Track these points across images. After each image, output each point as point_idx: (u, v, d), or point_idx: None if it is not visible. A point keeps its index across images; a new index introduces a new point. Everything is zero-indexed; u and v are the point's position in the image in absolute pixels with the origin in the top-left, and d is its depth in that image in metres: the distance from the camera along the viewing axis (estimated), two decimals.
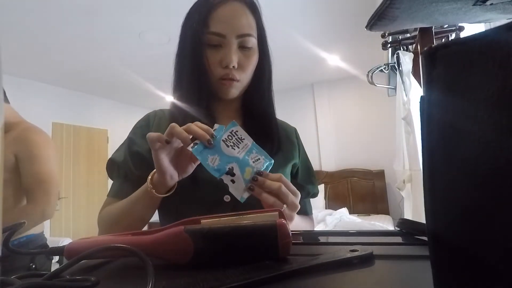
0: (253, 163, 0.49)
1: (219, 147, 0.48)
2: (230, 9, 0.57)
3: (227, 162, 0.48)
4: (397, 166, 1.65)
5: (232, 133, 0.50)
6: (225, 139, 0.49)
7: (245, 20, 0.58)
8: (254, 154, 0.50)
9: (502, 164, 0.12)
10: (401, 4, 0.38)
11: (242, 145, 0.49)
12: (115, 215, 0.55)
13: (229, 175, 0.47)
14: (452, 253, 0.15)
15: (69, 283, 0.24)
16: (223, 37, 0.56)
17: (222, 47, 0.57)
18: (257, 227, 0.28)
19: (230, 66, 0.56)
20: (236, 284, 0.21)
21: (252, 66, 0.60)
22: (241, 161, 0.48)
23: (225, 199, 0.57)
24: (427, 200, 0.16)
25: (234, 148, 0.49)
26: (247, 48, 0.59)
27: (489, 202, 0.13)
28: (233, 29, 0.57)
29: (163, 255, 0.29)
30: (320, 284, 0.22)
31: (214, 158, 0.47)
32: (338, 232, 0.42)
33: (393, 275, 0.24)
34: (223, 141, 0.48)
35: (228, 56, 0.56)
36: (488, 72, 0.13)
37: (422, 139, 0.16)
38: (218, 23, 0.56)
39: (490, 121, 0.13)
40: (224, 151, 0.48)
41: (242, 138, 0.50)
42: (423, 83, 0.15)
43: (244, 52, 0.59)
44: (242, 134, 0.50)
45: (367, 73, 1.88)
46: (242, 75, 0.59)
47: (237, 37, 0.57)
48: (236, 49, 0.58)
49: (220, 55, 0.57)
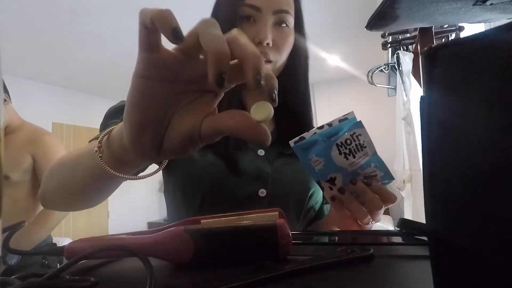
0: (365, 178, 0.39)
1: (329, 151, 0.39)
2: None
3: (332, 171, 0.39)
4: (397, 166, 1.65)
5: (353, 137, 0.39)
6: (341, 143, 0.39)
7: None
8: (372, 168, 0.40)
9: (502, 164, 0.12)
10: (401, 4, 0.38)
11: (360, 154, 0.39)
12: (59, 170, 0.39)
13: (328, 183, 0.39)
14: (452, 253, 0.15)
15: (69, 283, 0.24)
16: (259, 10, 0.51)
17: (257, 22, 0.52)
18: (257, 227, 0.28)
19: (264, 43, 0.51)
20: (236, 284, 0.21)
21: (288, 47, 0.55)
22: (349, 174, 0.39)
23: (260, 193, 0.51)
24: (427, 200, 0.16)
25: (347, 157, 0.39)
26: (284, 27, 0.54)
27: (489, 202, 0.13)
28: (270, 2, 0.52)
29: (163, 255, 0.28)
30: (320, 284, 0.22)
31: (318, 161, 0.39)
32: (338, 232, 0.42)
33: (393, 275, 0.24)
34: (337, 146, 0.39)
35: (262, 32, 0.51)
36: (488, 72, 0.13)
37: (422, 139, 0.16)
38: None
39: (490, 121, 0.13)
40: (333, 158, 0.39)
41: (364, 145, 0.40)
42: (423, 83, 0.15)
43: (280, 30, 0.54)
44: (365, 140, 0.40)
45: (367, 73, 1.88)
46: (277, 55, 0.54)
47: (273, 12, 0.52)
48: (271, 25, 0.53)
49: (254, 30, 0.52)
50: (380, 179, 0.40)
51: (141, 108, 0.24)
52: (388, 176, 0.40)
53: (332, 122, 0.41)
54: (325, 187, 0.40)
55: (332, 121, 0.41)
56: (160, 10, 0.21)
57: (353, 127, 0.40)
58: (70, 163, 0.37)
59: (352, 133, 0.40)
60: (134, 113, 0.24)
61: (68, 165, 0.37)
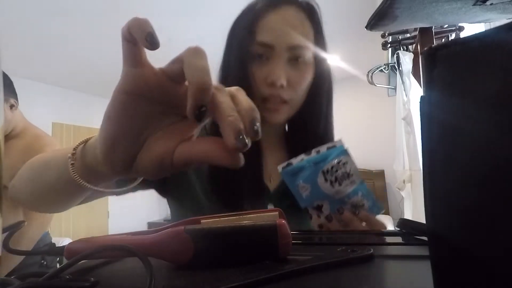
0: (352, 207, 0.38)
1: (316, 178, 0.38)
2: (282, 15, 0.48)
3: (318, 198, 0.39)
4: (397, 166, 1.65)
5: (339, 164, 0.39)
6: (327, 170, 0.39)
7: (299, 29, 0.48)
8: (359, 197, 0.39)
9: (502, 164, 0.12)
10: (401, 4, 0.38)
11: (347, 182, 0.39)
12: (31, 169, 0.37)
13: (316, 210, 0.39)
14: (452, 253, 0.15)
15: (69, 283, 0.24)
16: (271, 48, 0.47)
17: (269, 61, 0.48)
18: (257, 227, 0.28)
19: (277, 84, 0.46)
20: (236, 284, 0.21)
21: (305, 82, 0.50)
22: (336, 202, 0.39)
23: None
24: (427, 200, 0.16)
25: (333, 185, 0.39)
26: (300, 62, 0.49)
27: (489, 202, 0.13)
28: (283, 39, 0.47)
29: (163, 255, 0.28)
30: (320, 284, 0.22)
31: (305, 187, 0.39)
32: (338, 232, 0.42)
33: (393, 275, 0.24)
34: (323, 173, 0.38)
35: (275, 72, 0.46)
36: (488, 72, 0.13)
37: (422, 139, 0.16)
38: (266, 32, 0.47)
39: (490, 121, 0.13)
40: (319, 185, 0.38)
41: (350, 173, 0.40)
42: (423, 83, 0.15)
43: (296, 66, 0.49)
44: (352, 168, 0.40)
45: (367, 73, 1.88)
46: (292, 94, 0.49)
47: (288, 49, 0.47)
48: (285, 63, 0.48)
49: (266, 70, 0.48)
50: (368, 208, 0.39)
51: (118, 123, 0.23)
52: (376, 206, 0.39)
53: (320, 148, 0.41)
54: (312, 214, 0.40)
55: (320, 148, 0.41)
56: (136, 19, 0.21)
57: (339, 155, 0.40)
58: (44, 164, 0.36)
59: (338, 160, 0.39)
60: (110, 126, 0.24)
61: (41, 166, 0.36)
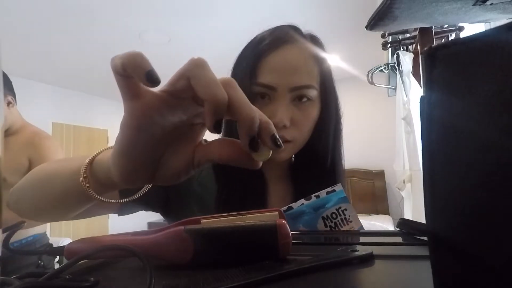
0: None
1: (315, 223, 0.40)
2: (284, 55, 0.47)
3: None
4: (397, 166, 1.65)
5: (339, 211, 0.41)
6: (327, 216, 0.40)
7: (303, 68, 0.47)
8: None
9: (502, 164, 0.12)
10: (401, 4, 0.38)
11: (345, 228, 0.40)
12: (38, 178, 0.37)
13: None
14: (452, 253, 0.15)
15: (69, 283, 0.24)
16: (273, 89, 0.46)
17: (272, 101, 0.47)
18: (257, 227, 0.28)
19: (279, 126, 0.45)
20: (236, 284, 0.21)
21: (310, 123, 0.49)
22: None
23: None
24: (427, 200, 0.16)
25: (333, 230, 0.40)
26: (304, 101, 0.48)
27: (489, 202, 0.13)
28: (286, 80, 0.46)
29: (163, 255, 0.28)
30: (320, 284, 0.22)
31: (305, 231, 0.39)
32: (338, 232, 0.42)
33: (393, 275, 0.24)
34: (323, 219, 0.40)
35: (277, 113, 0.45)
36: (488, 72, 0.13)
37: (422, 139, 0.16)
38: (267, 73, 0.46)
39: (490, 121, 0.13)
40: (319, 230, 0.39)
41: (350, 220, 0.41)
42: (423, 83, 0.15)
43: (300, 106, 0.47)
44: (351, 215, 0.41)
45: (367, 73, 1.88)
46: (296, 134, 0.48)
47: (291, 90, 0.46)
48: (289, 103, 0.47)
49: (269, 110, 0.46)
50: None
51: (131, 158, 0.23)
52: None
53: (320, 193, 0.41)
54: None
55: (320, 193, 0.41)
56: (130, 55, 0.20)
57: (339, 202, 0.41)
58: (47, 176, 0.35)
59: (338, 207, 0.41)
60: (123, 159, 0.24)
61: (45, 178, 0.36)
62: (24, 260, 1.11)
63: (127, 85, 0.21)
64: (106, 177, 0.28)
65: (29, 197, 0.38)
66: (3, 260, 0.25)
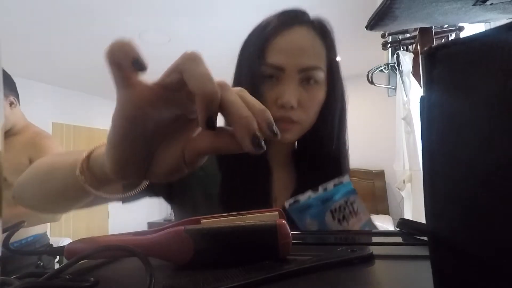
0: None
1: (323, 216, 0.39)
2: (293, 36, 0.47)
3: None
4: (397, 166, 1.65)
5: (347, 203, 0.41)
6: (335, 209, 0.40)
7: (311, 50, 0.48)
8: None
9: (502, 164, 0.12)
10: (401, 4, 0.38)
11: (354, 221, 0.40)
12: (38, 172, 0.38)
13: None
14: (452, 253, 0.15)
15: (69, 283, 0.24)
16: (282, 70, 0.46)
17: (280, 82, 0.47)
18: (257, 227, 0.28)
19: (287, 106, 0.45)
20: (236, 284, 0.21)
21: (317, 105, 0.49)
22: None
23: None
24: (427, 200, 0.16)
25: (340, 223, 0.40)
26: (312, 83, 0.48)
27: (489, 202, 0.13)
28: (294, 61, 0.46)
29: (163, 255, 0.28)
30: (320, 284, 0.22)
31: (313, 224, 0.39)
32: (338, 232, 0.42)
33: (393, 275, 0.24)
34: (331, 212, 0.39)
35: (285, 94, 0.45)
36: (488, 72, 0.13)
37: (422, 139, 0.16)
38: (276, 54, 0.47)
39: (490, 121, 0.13)
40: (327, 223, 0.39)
41: (358, 212, 0.41)
42: (423, 83, 0.15)
43: (308, 88, 0.48)
44: (359, 206, 0.41)
45: (367, 73, 1.88)
46: (303, 116, 0.48)
47: (299, 70, 0.46)
48: (296, 85, 0.47)
49: (276, 91, 0.47)
50: None
51: (123, 150, 0.23)
52: None
53: (327, 186, 0.41)
54: None
55: (327, 185, 0.41)
56: (118, 43, 0.20)
57: (347, 194, 0.41)
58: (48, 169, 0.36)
59: (346, 199, 0.40)
60: (117, 153, 0.23)
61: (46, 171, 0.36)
62: (24, 260, 1.11)
63: (119, 74, 0.21)
64: (101, 171, 0.28)
65: (31, 192, 0.39)
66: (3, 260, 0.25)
